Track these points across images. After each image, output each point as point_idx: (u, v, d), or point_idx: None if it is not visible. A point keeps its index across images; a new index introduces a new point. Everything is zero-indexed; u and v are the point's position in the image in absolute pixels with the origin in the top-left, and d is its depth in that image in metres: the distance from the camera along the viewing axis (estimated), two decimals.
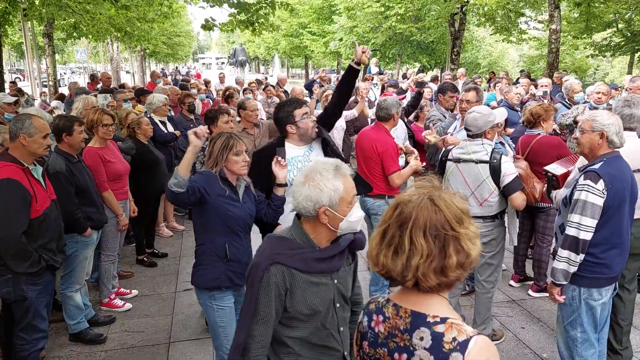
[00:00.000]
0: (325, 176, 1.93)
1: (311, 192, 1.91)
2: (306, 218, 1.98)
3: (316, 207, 1.92)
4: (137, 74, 33.87)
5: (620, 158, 3.01)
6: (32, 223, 3.26)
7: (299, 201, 1.95)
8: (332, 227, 1.97)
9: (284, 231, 2.10)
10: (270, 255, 1.94)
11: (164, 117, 6.56)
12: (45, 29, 15.27)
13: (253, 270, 1.94)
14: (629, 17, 19.31)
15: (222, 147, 3.03)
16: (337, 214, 1.94)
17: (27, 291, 3.32)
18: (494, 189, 3.76)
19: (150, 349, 4.14)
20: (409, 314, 1.51)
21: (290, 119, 3.33)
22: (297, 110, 3.33)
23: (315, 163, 2.01)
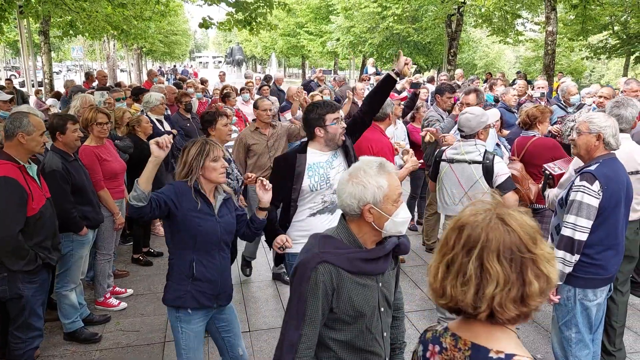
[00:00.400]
0: (368, 173, 1.89)
1: (355, 189, 1.88)
2: (351, 217, 1.94)
3: (360, 205, 1.88)
4: (133, 72, 33.77)
5: (616, 160, 3.03)
6: (28, 221, 3.25)
7: (342, 199, 1.91)
8: (378, 226, 1.92)
9: (330, 230, 2.04)
10: (318, 253, 1.89)
11: (161, 115, 6.55)
12: (41, 27, 15.21)
13: (300, 269, 1.90)
14: (625, 20, 19.39)
15: (197, 153, 2.84)
16: (382, 212, 1.89)
17: (23, 289, 3.32)
18: (487, 189, 3.78)
19: (145, 348, 4.13)
20: (468, 347, 1.34)
21: (321, 122, 3.17)
22: (329, 114, 3.17)
23: (360, 161, 1.97)
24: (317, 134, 3.19)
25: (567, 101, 6.55)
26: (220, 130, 4.47)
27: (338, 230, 1.98)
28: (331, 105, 3.24)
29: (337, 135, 3.20)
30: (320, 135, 3.19)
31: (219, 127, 4.47)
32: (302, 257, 1.94)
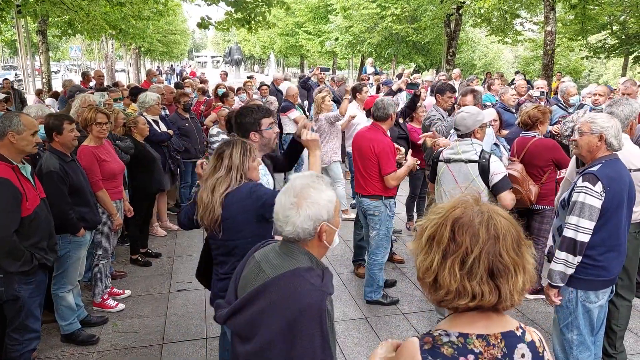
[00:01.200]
0: (319, 189, 1.81)
1: (311, 210, 1.77)
2: (304, 241, 1.83)
3: (316, 225, 1.79)
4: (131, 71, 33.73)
5: (618, 161, 3.02)
6: (23, 222, 3.23)
7: (297, 225, 1.77)
8: (328, 242, 1.85)
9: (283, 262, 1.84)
10: (324, 290, 1.74)
11: (157, 116, 6.52)
12: (39, 26, 15.18)
13: (310, 309, 1.70)
14: (624, 20, 19.38)
15: (241, 154, 2.70)
16: (332, 226, 1.84)
17: (20, 291, 3.29)
18: (483, 188, 3.78)
19: (143, 350, 4.10)
20: (500, 338, 1.37)
21: (256, 127, 3.20)
22: (265, 118, 3.21)
23: (298, 179, 1.85)
24: (253, 138, 3.18)
25: (566, 101, 6.54)
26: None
27: (299, 259, 1.81)
28: (266, 110, 3.28)
29: (272, 139, 3.25)
30: (256, 140, 3.18)
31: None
32: (307, 297, 1.71)
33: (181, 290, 5.14)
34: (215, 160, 2.70)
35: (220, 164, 2.68)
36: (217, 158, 2.70)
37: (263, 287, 1.76)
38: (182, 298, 4.98)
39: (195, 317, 4.60)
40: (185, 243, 6.50)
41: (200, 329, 4.40)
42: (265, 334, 1.72)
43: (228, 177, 2.65)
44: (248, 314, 1.77)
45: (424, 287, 1.43)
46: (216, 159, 2.69)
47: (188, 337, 4.29)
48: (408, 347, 1.40)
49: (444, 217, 1.39)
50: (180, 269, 5.65)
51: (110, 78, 22.59)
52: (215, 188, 2.64)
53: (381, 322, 4.54)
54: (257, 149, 3.14)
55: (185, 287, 5.21)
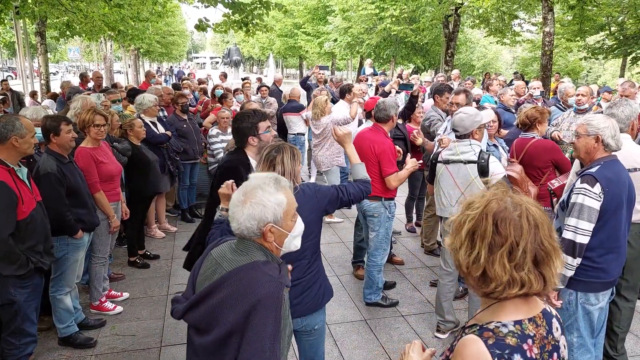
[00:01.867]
0: (267, 190, 1.82)
1: (254, 210, 1.80)
2: (257, 238, 1.87)
3: (260, 226, 1.82)
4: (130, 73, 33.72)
5: (617, 162, 3.00)
6: (19, 225, 3.21)
7: (240, 222, 1.82)
8: (278, 245, 1.89)
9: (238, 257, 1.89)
10: (281, 282, 1.81)
11: (154, 117, 6.50)
12: (37, 28, 15.15)
13: (269, 300, 1.76)
14: (622, 20, 19.40)
15: (291, 159, 2.70)
16: (282, 229, 1.87)
17: (15, 294, 3.27)
18: (482, 189, 3.75)
19: (141, 353, 4.08)
20: (541, 318, 1.46)
21: (254, 131, 3.28)
22: (261, 122, 3.29)
23: (253, 178, 1.89)
24: (251, 142, 3.29)
25: (565, 102, 6.54)
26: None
27: (253, 253, 1.87)
28: (262, 114, 3.34)
29: (269, 142, 3.27)
30: (254, 144, 3.28)
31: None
32: (264, 289, 1.77)
33: (179, 293, 5.11)
34: (266, 168, 2.69)
35: (273, 171, 2.64)
36: (268, 166, 2.69)
37: (222, 280, 1.81)
38: None
39: None
40: (184, 244, 6.46)
41: None
42: (223, 325, 1.77)
43: None
44: (207, 307, 1.81)
45: (470, 280, 1.45)
46: (268, 167, 2.69)
47: (186, 340, 4.26)
48: (469, 345, 1.38)
49: (482, 211, 1.42)
50: (178, 271, 5.63)
51: (109, 79, 22.57)
52: None
53: (381, 324, 4.52)
54: (255, 152, 3.23)
55: (184, 290, 5.17)
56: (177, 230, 6.99)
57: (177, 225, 7.18)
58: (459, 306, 4.73)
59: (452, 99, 5.28)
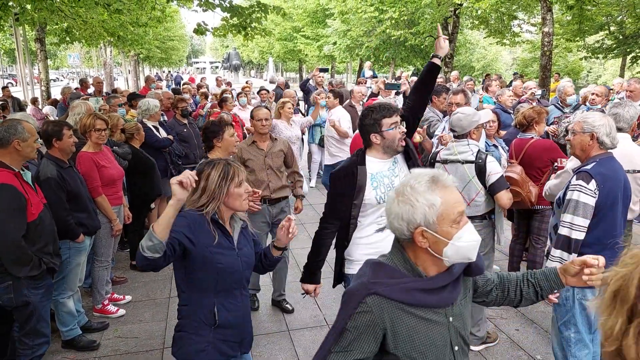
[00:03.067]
0: (416, 189, 1.60)
1: (401, 209, 1.61)
2: (405, 241, 1.67)
3: (410, 228, 1.60)
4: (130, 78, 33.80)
5: (612, 159, 3.04)
6: (29, 227, 3.27)
7: (390, 221, 1.65)
8: (435, 252, 1.62)
9: (384, 256, 1.75)
10: (368, 283, 1.62)
11: (157, 122, 6.55)
12: (37, 34, 15.21)
13: (348, 296, 1.65)
14: (621, 20, 19.44)
15: (220, 178, 2.39)
16: (438, 235, 1.59)
17: (30, 295, 3.33)
18: (480, 189, 3.81)
19: (144, 355, 4.11)
20: None
21: (376, 128, 2.91)
22: (385, 119, 2.90)
23: (410, 175, 1.68)
24: (374, 140, 2.94)
25: (563, 101, 6.57)
26: (228, 142, 4.02)
27: (392, 256, 1.70)
28: (387, 109, 2.93)
29: (396, 140, 2.93)
30: (377, 142, 2.93)
31: (227, 138, 4.01)
32: (353, 285, 1.67)
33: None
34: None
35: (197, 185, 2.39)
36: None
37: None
38: None
39: None
40: None
41: None
42: None
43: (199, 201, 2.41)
44: None
45: (605, 356, 1.08)
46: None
47: None
48: None
49: (631, 269, 1.10)
50: None
51: (110, 85, 22.65)
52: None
53: None
54: (381, 151, 2.95)
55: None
56: None
57: None
58: None
59: (451, 99, 5.31)
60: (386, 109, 2.92)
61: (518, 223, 5.18)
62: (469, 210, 3.87)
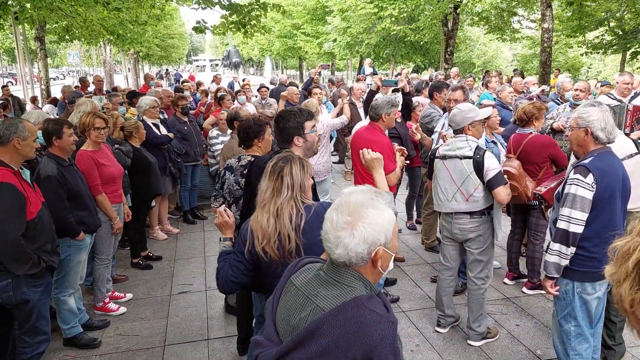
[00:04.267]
0: (378, 207, 1.56)
1: (366, 232, 1.52)
2: (356, 266, 1.58)
3: (372, 250, 1.54)
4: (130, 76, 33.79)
5: (610, 153, 3.06)
6: (28, 225, 3.27)
7: (350, 248, 1.53)
8: (382, 268, 1.60)
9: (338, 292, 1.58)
10: (388, 317, 1.53)
11: (156, 119, 6.55)
12: (37, 33, 15.21)
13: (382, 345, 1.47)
14: (620, 15, 19.40)
15: (300, 170, 2.41)
16: (389, 251, 1.59)
17: (29, 293, 3.33)
18: (478, 184, 3.83)
19: (145, 352, 4.12)
20: None
21: (300, 131, 3.06)
22: (307, 122, 3.08)
23: (354, 194, 1.60)
24: (297, 143, 3.08)
25: (562, 97, 6.58)
26: (267, 141, 3.89)
27: (355, 285, 1.58)
28: (308, 113, 3.13)
29: (314, 143, 3.16)
30: (299, 145, 3.08)
31: (267, 138, 3.86)
32: (377, 333, 1.48)
33: (182, 293, 5.16)
34: (273, 181, 2.40)
35: (280, 184, 2.38)
36: (276, 177, 2.39)
37: (320, 323, 1.51)
38: (184, 300, 5.00)
39: (197, 319, 4.62)
40: (186, 246, 6.52)
41: (201, 331, 4.42)
42: None
43: (292, 198, 2.39)
44: (305, 356, 1.52)
45: (633, 321, 1.15)
46: (275, 178, 2.39)
47: (189, 339, 4.31)
48: None
49: None
50: (181, 272, 5.68)
51: (109, 83, 22.64)
52: (281, 213, 2.36)
53: None
54: (302, 153, 2.98)
55: (187, 290, 5.23)
56: (179, 231, 7.03)
57: (179, 226, 7.22)
58: (459, 301, 4.76)
59: (450, 95, 5.33)
60: (307, 113, 3.09)
61: (515, 219, 5.19)
62: (468, 205, 3.90)
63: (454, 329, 4.38)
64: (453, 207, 3.97)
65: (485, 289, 4.10)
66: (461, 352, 4.06)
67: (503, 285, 5.21)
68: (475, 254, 4.03)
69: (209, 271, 5.66)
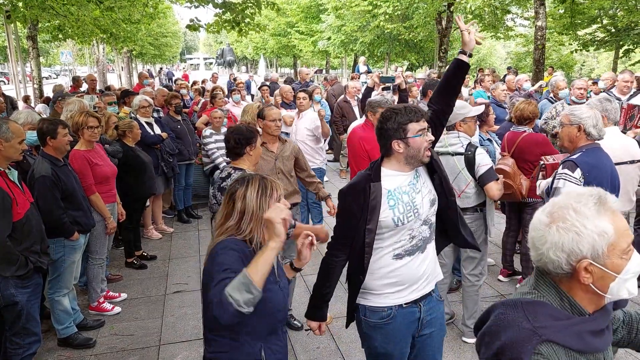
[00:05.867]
0: (583, 213, 1.34)
1: (562, 237, 1.33)
2: (557, 276, 1.40)
3: (571, 261, 1.34)
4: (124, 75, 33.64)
5: (599, 149, 3.12)
6: (15, 226, 3.25)
7: (541, 252, 1.38)
8: (599, 289, 1.37)
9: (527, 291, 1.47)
10: (534, 329, 1.34)
11: (149, 118, 6.53)
12: (29, 32, 15.11)
13: (509, 353, 1.34)
14: (613, 13, 19.48)
15: (259, 195, 2.09)
16: (605, 269, 1.34)
17: (17, 295, 3.31)
18: (470, 180, 3.87)
19: (140, 352, 4.12)
20: None
21: (400, 133, 2.43)
22: (412, 123, 2.42)
23: (566, 195, 1.41)
24: (396, 148, 2.45)
25: (556, 95, 6.60)
26: (259, 151, 3.61)
27: (542, 292, 1.43)
28: (415, 112, 2.46)
29: (422, 150, 2.45)
30: (400, 151, 2.45)
31: (258, 147, 3.59)
32: (510, 335, 1.37)
33: (177, 292, 5.15)
34: (225, 204, 2.14)
35: (232, 209, 2.11)
36: (227, 201, 2.13)
37: (492, 308, 1.50)
38: (178, 300, 4.99)
39: (192, 318, 4.61)
40: (181, 245, 6.51)
41: (196, 330, 4.41)
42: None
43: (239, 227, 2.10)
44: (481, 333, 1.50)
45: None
46: (227, 201, 2.13)
47: (184, 338, 4.30)
48: None
49: None
50: (175, 271, 5.67)
51: (103, 82, 22.54)
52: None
53: None
54: (403, 161, 2.48)
55: (181, 289, 5.22)
56: (174, 231, 7.02)
57: (173, 226, 7.21)
58: (454, 298, 4.77)
59: None
60: (413, 112, 2.46)
61: (509, 216, 5.22)
62: (460, 202, 3.93)
63: (449, 326, 4.39)
64: None
65: (479, 285, 4.12)
66: (456, 349, 4.07)
67: (498, 282, 5.23)
68: (468, 251, 4.06)
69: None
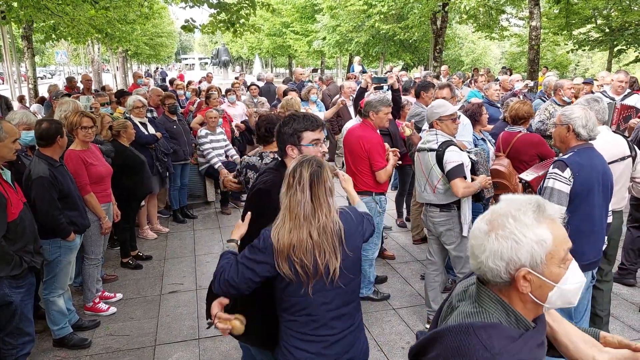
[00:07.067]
0: (522, 221, 1.32)
1: (501, 246, 1.32)
2: (496, 285, 1.39)
3: (510, 269, 1.33)
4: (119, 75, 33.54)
5: (591, 149, 3.15)
6: (9, 226, 3.24)
7: (480, 261, 1.36)
8: (538, 298, 1.36)
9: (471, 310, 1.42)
10: (494, 356, 1.29)
11: (143, 118, 6.53)
12: (24, 32, 15.06)
13: None
14: (607, 13, 19.57)
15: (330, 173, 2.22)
16: (544, 278, 1.34)
17: (12, 295, 3.31)
18: (440, 176, 4.00)
19: (135, 352, 4.12)
20: None
21: (294, 139, 2.52)
22: (307, 132, 2.52)
23: (505, 203, 1.39)
24: (290, 153, 2.54)
25: (549, 95, 6.65)
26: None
27: (488, 308, 1.39)
28: (312, 121, 2.54)
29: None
30: (293, 156, 2.50)
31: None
32: None
33: (172, 292, 5.16)
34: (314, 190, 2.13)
35: (323, 193, 2.12)
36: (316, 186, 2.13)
37: (438, 334, 1.43)
38: (174, 300, 5.00)
39: (187, 318, 4.62)
40: (176, 245, 6.51)
41: (192, 330, 4.42)
42: None
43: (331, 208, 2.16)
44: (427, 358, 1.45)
45: None
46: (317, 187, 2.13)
47: (180, 338, 4.31)
48: None
49: None
50: (171, 271, 5.67)
51: (98, 82, 22.48)
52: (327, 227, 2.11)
53: (372, 317, 4.59)
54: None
55: (177, 289, 5.22)
56: (169, 231, 7.01)
57: (168, 226, 7.21)
58: None
59: (437, 93, 5.42)
60: (311, 120, 2.54)
61: None
62: (435, 197, 4.09)
63: None
64: (425, 197, 4.18)
65: None
66: None
67: None
68: (450, 250, 4.17)
69: (199, 270, 5.66)
